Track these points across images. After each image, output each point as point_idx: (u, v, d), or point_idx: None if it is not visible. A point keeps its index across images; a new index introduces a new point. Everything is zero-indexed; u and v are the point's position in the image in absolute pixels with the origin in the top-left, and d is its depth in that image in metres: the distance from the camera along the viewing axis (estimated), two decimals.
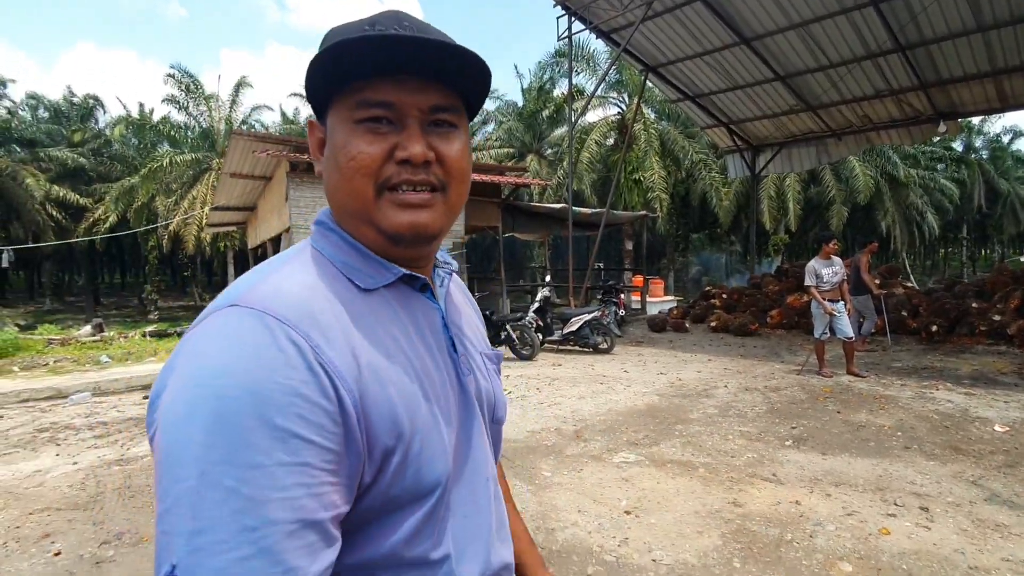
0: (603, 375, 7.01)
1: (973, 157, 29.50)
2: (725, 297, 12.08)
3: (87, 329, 13.80)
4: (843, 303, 6.39)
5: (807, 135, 13.05)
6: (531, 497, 3.38)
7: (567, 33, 10.79)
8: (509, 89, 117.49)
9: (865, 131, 12.25)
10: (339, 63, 0.56)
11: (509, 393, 6.07)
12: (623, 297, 12.36)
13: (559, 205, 13.99)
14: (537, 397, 5.91)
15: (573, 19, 10.53)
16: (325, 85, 0.59)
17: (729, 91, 11.98)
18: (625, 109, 19.75)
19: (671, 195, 20.65)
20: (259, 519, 0.44)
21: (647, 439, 4.44)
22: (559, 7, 10.49)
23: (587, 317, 8.65)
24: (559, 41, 11.26)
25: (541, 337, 8.81)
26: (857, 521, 2.98)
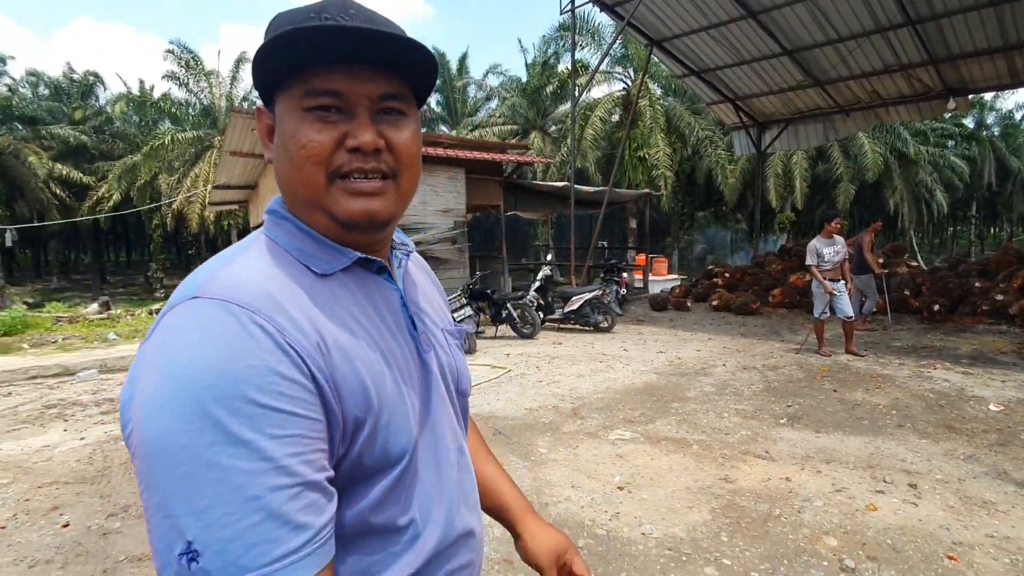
0: (603, 353, 7.06)
1: (984, 134, 28.92)
2: (728, 276, 12.05)
3: (94, 307, 13.95)
4: (844, 282, 6.38)
5: (814, 111, 12.82)
6: (526, 473, 3.45)
7: (570, 6, 10.58)
8: (513, 64, 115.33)
9: (873, 107, 12.02)
10: (290, 51, 0.56)
11: (508, 371, 6.14)
12: (625, 276, 12.35)
13: (561, 183, 13.88)
14: (536, 375, 5.97)
15: None
16: (275, 73, 0.59)
17: (735, 66, 11.76)
18: (631, 85, 19.42)
19: (676, 172, 20.42)
20: (261, 488, 0.47)
21: (643, 417, 4.49)
22: None
23: (588, 296, 8.67)
24: (562, 15, 11.04)
25: (542, 316, 8.85)
26: (846, 497, 3.03)
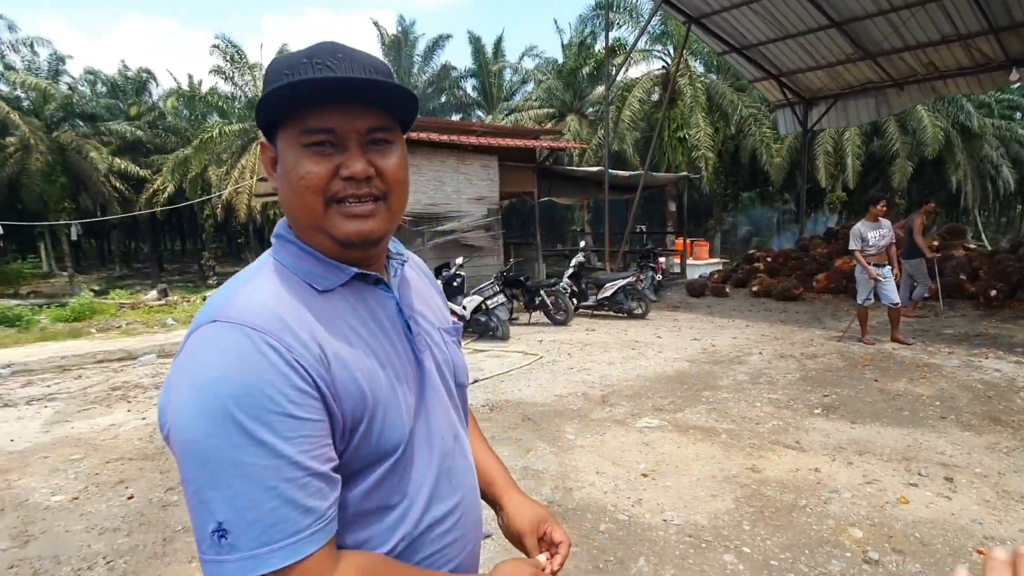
0: (635, 341, 7.04)
1: None
2: (770, 260, 11.71)
3: (153, 294, 14.82)
4: (889, 268, 6.13)
5: (865, 85, 12.15)
6: (553, 458, 3.54)
7: None
8: (549, 46, 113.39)
9: (930, 80, 11.31)
10: (288, 98, 0.66)
11: (540, 358, 6.23)
12: (662, 261, 12.16)
13: (596, 168, 13.68)
14: (568, 362, 6.03)
15: None
16: (276, 114, 0.69)
17: (779, 40, 11.24)
18: (670, 63, 18.87)
19: (719, 153, 19.77)
20: (276, 480, 0.58)
21: (672, 405, 4.50)
22: None
23: (622, 282, 8.62)
24: None
25: (575, 302, 8.87)
26: (876, 489, 2.99)
